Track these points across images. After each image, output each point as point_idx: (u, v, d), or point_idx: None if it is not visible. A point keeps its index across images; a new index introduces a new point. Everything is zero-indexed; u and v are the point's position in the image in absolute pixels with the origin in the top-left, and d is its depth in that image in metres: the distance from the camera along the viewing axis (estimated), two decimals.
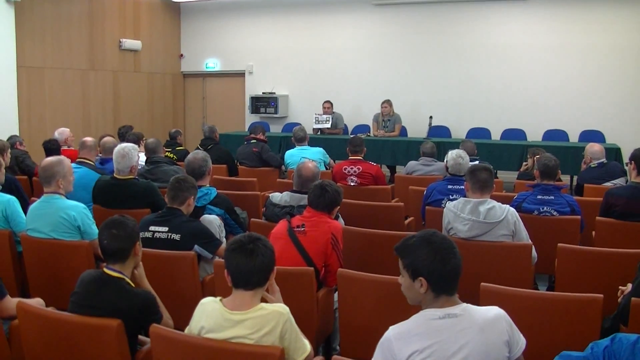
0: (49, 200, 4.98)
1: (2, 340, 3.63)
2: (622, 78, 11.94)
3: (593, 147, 7.44)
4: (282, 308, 2.97)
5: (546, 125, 12.23)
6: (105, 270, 3.43)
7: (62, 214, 4.87)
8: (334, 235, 4.48)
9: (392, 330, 2.66)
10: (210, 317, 2.97)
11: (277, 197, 5.45)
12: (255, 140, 9.44)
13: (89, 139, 7.19)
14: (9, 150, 7.16)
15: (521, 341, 2.73)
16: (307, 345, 3.04)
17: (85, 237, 4.85)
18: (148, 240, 4.50)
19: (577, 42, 12.16)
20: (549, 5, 12.30)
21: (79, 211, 4.94)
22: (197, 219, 4.95)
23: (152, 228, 4.65)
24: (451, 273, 2.67)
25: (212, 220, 5.05)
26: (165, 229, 4.63)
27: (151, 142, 7.48)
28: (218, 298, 3.04)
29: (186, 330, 3.09)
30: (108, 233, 3.44)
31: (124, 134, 9.48)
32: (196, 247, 4.57)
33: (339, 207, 4.82)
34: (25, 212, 5.30)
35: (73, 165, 5.68)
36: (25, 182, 7.49)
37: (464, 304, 2.69)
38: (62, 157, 5.34)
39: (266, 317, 2.91)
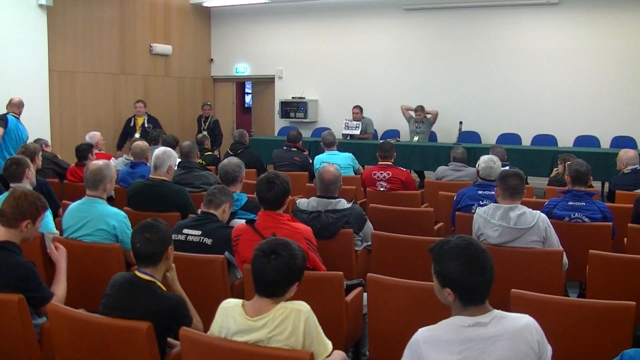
0: (92, 204, 4.97)
1: (33, 341, 3.68)
2: None
3: (628, 153, 7.40)
4: (302, 305, 2.96)
5: (577, 131, 12.08)
6: (137, 273, 3.45)
7: (103, 224, 4.87)
8: (307, 240, 4.39)
9: (422, 334, 2.64)
10: (234, 321, 2.98)
11: (303, 203, 5.44)
12: (296, 149, 9.41)
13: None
14: (40, 153, 7.20)
15: (549, 350, 2.67)
16: (329, 345, 3.03)
17: (122, 246, 4.76)
18: (181, 243, 4.54)
19: (608, 47, 11.99)
20: (580, 9, 12.16)
21: (119, 220, 4.93)
22: (227, 224, 4.96)
23: (185, 231, 4.68)
24: (480, 287, 2.62)
25: None
26: (198, 232, 4.65)
27: (186, 146, 7.37)
28: (240, 301, 3.05)
29: (208, 333, 3.11)
30: (141, 237, 3.46)
31: (155, 138, 9.51)
32: (227, 253, 4.56)
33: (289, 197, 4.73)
34: (55, 215, 5.32)
35: None
36: (57, 185, 7.53)
37: (495, 311, 2.65)
38: (108, 161, 5.35)
39: (286, 317, 2.91)
